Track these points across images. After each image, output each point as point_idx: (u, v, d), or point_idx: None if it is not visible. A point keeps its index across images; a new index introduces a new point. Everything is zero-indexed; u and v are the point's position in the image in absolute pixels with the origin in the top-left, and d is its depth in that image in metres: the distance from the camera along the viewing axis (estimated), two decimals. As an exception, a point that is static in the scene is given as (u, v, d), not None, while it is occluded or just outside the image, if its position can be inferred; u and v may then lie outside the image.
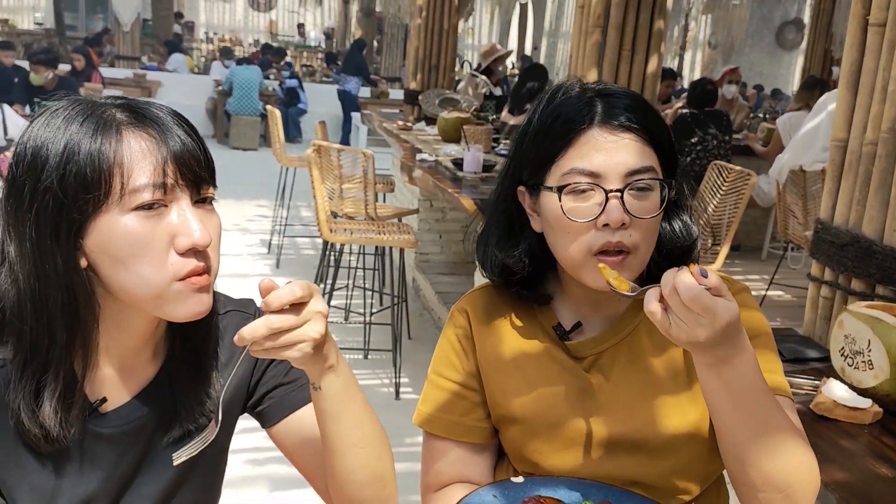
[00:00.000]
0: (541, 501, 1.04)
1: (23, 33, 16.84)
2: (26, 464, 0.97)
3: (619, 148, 1.07)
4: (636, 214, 1.06)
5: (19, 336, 0.94)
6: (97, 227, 0.90)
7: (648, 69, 2.94)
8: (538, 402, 1.16)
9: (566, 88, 1.15)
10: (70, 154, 0.89)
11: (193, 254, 0.92)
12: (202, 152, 0.95)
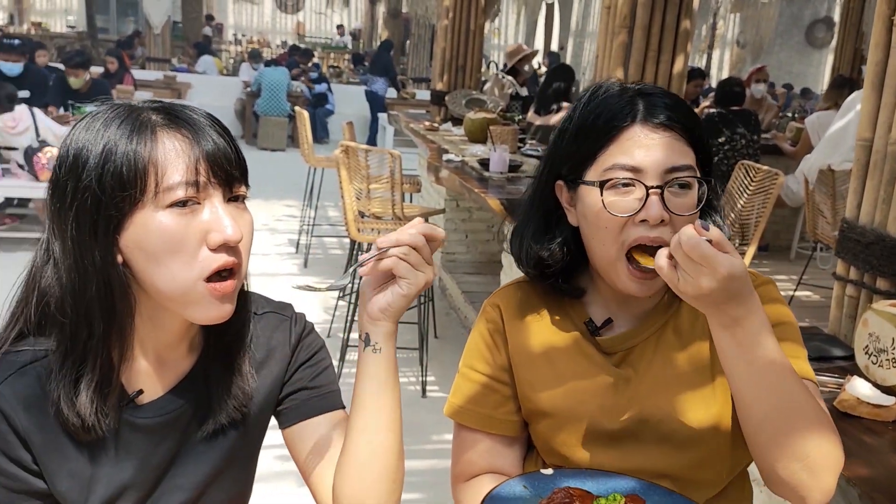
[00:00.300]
0: (570, 493, 1.06)
1: (55, 36, 17.14)
2: (66, 451, 1.01)
3: (660, 145, 1.09)
4: (675, 211, 1.08)
5: (61, 328, 0.98)
6: (133, 223, 0.94)
7: (675, 69, 2.95)
8: (568, 396, 1.19)
9: (607, 87, 1.18)
10: (108, 154, 0.93)
11: (224, 249, 0.96)
12: (234, 152, 0.99)
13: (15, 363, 0.99)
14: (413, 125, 5.85)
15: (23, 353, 1.00)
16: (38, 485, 1.00)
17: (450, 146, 4.74)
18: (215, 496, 1.13)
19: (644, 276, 1.10)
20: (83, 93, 6.49)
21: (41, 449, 0.99)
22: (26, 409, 0.98)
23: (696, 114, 1.17)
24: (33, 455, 0.99)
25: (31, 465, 0.99)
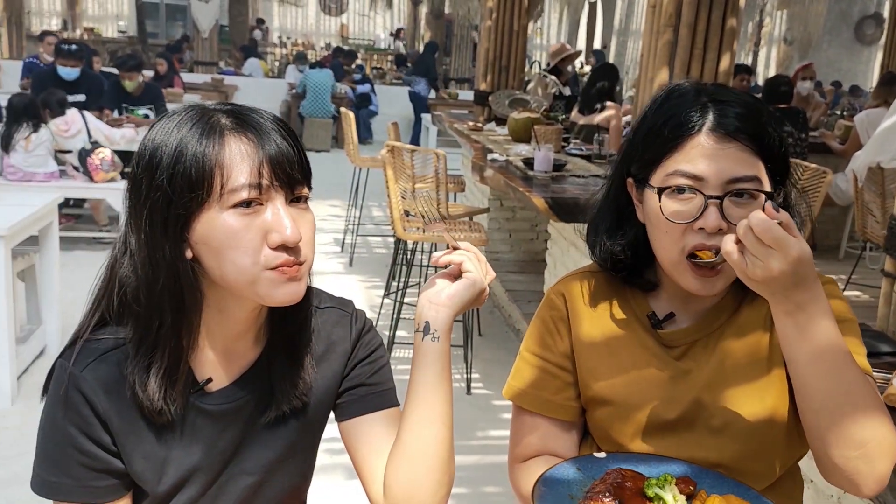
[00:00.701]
0: (622, 473, 1.09)
1: (107, 41, 17.54)
2: (141, 434, 1.07)
3: (725, 156, 1.10)
4: (733, 221, 1.08)
5: (136, 318, 1.05)
6: (200, 222, 1.00)
7: (721, 67, 2.95)
8: (628, 385, 1.22)
9: (682, 91, 1.19)
10: (179, 155, 0.99)
11: (284, 249, 1.01)
12: (297, 155, 1.04)
13: (96, 350, 1.06)
14: (457, 125, 5.91)
15: (104, 341, 1.06)
16: (117, 465, 1.07)
17: (494, 146, 4.77)
18: (278, 482, 1.18)
19: (706, 274, 1.12)
20: (136, 96, 6.66)
21: (119, 431, 1.06)
22: (106, 394, 1.05)
23: (770, 122, 1.16)
24: (112, 437, 1.06)
25: (110, 446, 1.06)
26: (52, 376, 1.07)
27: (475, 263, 1.15)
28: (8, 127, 5.32)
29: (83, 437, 1.05)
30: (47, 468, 1.06)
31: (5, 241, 3.30)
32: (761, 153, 1.12)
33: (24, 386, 3.61)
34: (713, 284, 1.14)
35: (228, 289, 1.05)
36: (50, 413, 1.06)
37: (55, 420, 1.05)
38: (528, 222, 5.51)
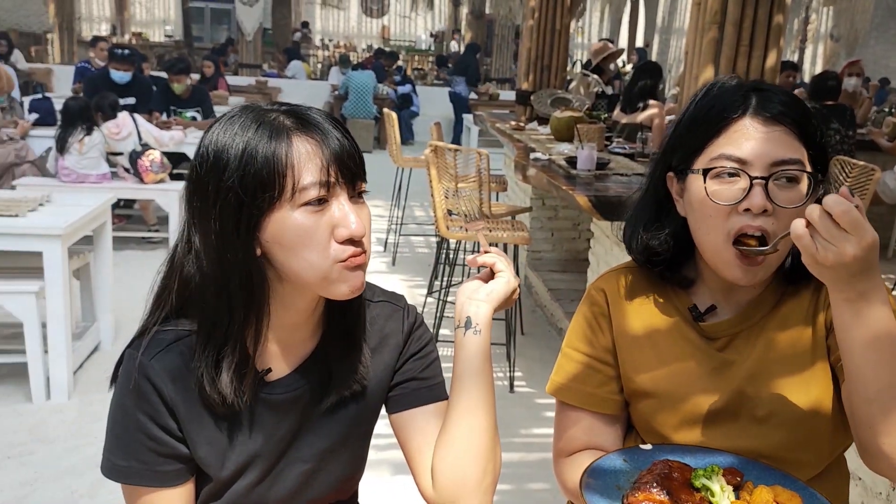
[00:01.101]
0: (669, 465, 1.10)
1: (154, 45, 17.90)
2: (205, 421, 1.12)
3: (769, 138, 1.12)
4: (779, 203, 1.10)
5: (202, 314, 1.09)
6: (271, 221, 1.03)
7: (767, 64, 2.94)
8: (670, 378, 1.24)
9: (723, 83, 1.21)
10: (248, 157, 1.02)
11: (350, 242, 1.05)
12: (356, 152, 1.08)
13: (163, 341, 1.10)
14: (499, 125, 5.93)
15: (168, 333, 1.11)
16: (182, 450, 1.12)
17: (536, 145, 4.79)
18: (331, 470, 1.22)
19: (751, 263, 1.13)
20: (184, 98, 6.80)
21: (185, 418, 1.10)
22: (173, 382, 1.09)
23: (811, 112, 1.17)
24: (178, 423, 1.10)
25: (176, 432, 1.11)
26: (121, 366, 1.12)
27: (505, 264, 1.21)
28: (63, 130, 5.47)
29: (151, 423, 1.09)
30: (117, 453, 1.11)
31: (62, 241, 3.41)
32: (804, 139, 1.13)
33: (79, 381, 3.72)
34: (755, 274, 1.15)
35: (296, 284, 1.08)
36: (120, 401, 1.11)
37: (125, 407, 1.10)
38: (570, 221, 5.51)
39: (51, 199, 3.85)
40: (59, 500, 2.79)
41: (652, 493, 1.04)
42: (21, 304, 3.38)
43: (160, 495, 1.11)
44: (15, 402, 3.50)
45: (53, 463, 3.02)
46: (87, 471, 2.97)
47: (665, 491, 1.05)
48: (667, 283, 1.29)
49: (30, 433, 3.24)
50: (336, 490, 1.25)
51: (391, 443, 1.25)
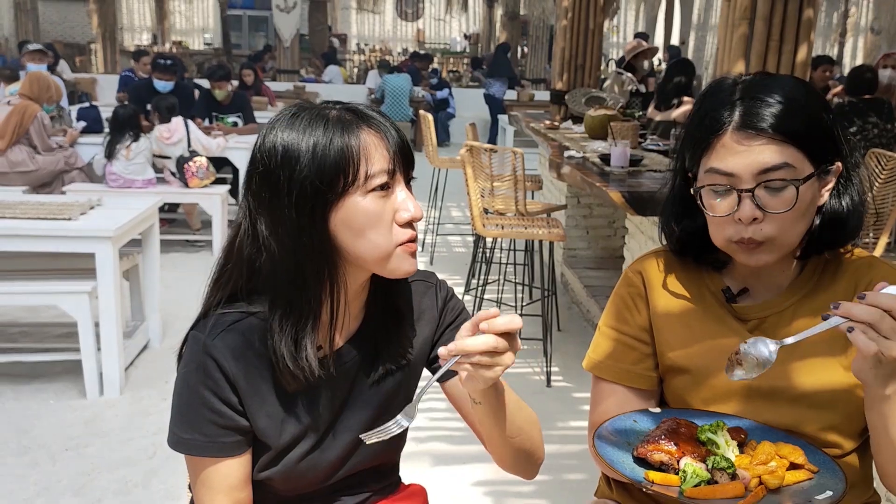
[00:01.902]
0: (677, 421, 1.18)
1: (195, 53, 18.25)
2: (265, 395, 1.21)
3: (752, 151, 1.17)
4: (768, 210, 1.17)
5: (275, 295, 1.18)
6: (344, 205, 1.13)
7: (798, 59, 2.96)
8: (703, 354, 1.30)
9: (718, 88, 1.27)
10: (324, 149, 1.12)
11: (409, 225, 1.17)
12: (407, 143, 1.19)
13: (225, 322, 1.20)
14: (533, 124, 5.98)
15: (231, 314, 1.20)
16: (242, 422, 1.21)
17: (571, 143, 4.84)
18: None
19: (751, 249, 1.20)
20: (225, 104, 6.97)
21: (245, 392, 1.20)
22: (235, 359, 1.18)
23: (807, 105, 1.20)
24: (239, 398, 1.20)
25: (237, 405, 1.20)
26: (186, 345, 1.22)
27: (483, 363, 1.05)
28: (112, 136, 5.66)
29: (214, 397, 1.19)
30: (182, 426, 1.21)
31: (113, 242, 3.55)
32: (793, 139, 1.17)
33: (130, 377, 3.87)
34: (759, 256, 1.21)
35: (359, 264, 1.18)
36: (185, 377, 1.21)
37: (189, 383, 1.20)
38: (605, 219, 5.55)
39: (101, 203, 4.01)
40: (114, 490, 2.91)
41: (660, 444, 1.12)
42: (75, 303, 3.53)
43: (221, 465, 1.21)
44: (70, 398, 3.65)
45: (108, 455, 3.16)
46: (139, 462, 3.10)
47: (672, 442, 1.12)
48: (701, 266, 1.36)
49: (85, 427, 3.39)
50: (380, 456, 1.34)
51: (431, 435, 1.33)
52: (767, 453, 1.12)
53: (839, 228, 1.24)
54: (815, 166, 1.19)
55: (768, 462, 1.11)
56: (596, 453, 1.16)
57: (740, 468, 1.11)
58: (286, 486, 1.27)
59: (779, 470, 1.10)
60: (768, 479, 1.08)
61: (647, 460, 1.14)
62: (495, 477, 3.06)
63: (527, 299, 4.94)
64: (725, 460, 1.10)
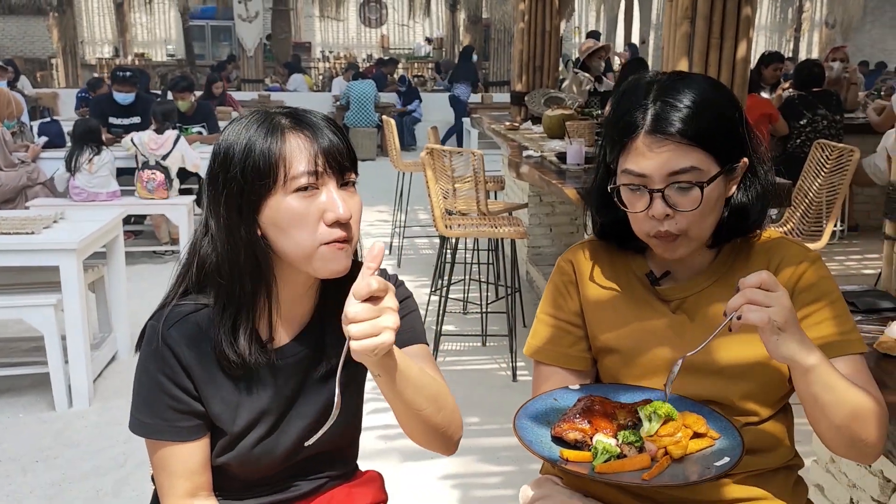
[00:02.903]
0: (592, 399, 1.26)
1: (157, 65, 18.15)
2: (219, 382, 1.29)
3: (662, 154, 1.26)
4: (678, 208, 1.27)
5: (219, 288, 1.26)
6: (268, 206, 1.21)
7: (738, 55, 3.07)
8: (631, 335, 1.39)
9: (634, 88, 1.34)
10: (249, 151, 1.20)
11: (338, 225, 1.22)
12: (345, 147, 1.25)
13: (181, 313, 1.28)
14: (494, 126, 6.08)
15: (186, 306, 1.28)
16: (198, 407, 1.29)
17: (529, 143, 4.93)
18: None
19: (667, 242, 1.30)
20: (189, 115, 6.98)
21: (200, 379, 1.28)
22: (189, 348, 1.26)
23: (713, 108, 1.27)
24: (194, 384, 1.28)
25: (192, 391, 1.28)
26: (144, 336, 1.29)
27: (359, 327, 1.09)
28: (73, 151, 5.66)
29: (171, 383, 1.27)
30: (142, 411, 1.28)
31: (77, 255, 3.58)
32: (700, 142, 1.26)
33: (99, 389, 3.89)
34: (675, 249, 1.31)
35: (289, 262, 1.25)
36: (143, 365, 1.28)
37: (148, 370, 1.27)
38: (567, 216, 5.65)
39: (64, 216, 4.03)
40: (84, 499, 2.95)
41: (574, 423, 1.20)
42: (41, 316, 3.55)
43: (180, 448, 1.28)
44: (39, 411, 3.67)
45: (78, 465, 3.19)
46: (110, 471, 3.13)
47: (586, 420, 1.20)
48: (626, 252, 1.45)
49: (55, 438, 3.41)
50: (335, 443, 1.40)
51: (399, 433, 1.38)
52: (675, 426, 1.21)
53: (745, 218, 1.35)
54: (722, 165, 1.29)
55: (675, 434, 1.19)
56: (517, 435, 1.24)
57: (648, 441, 1.19)
58: (243, 470, 1.34)
59: (682, 440, 1.18)
60: (673, 450, 1.17)
61: (564, 439, 1.22)
62: (463, 471, 3.14)
63: (493, 297, 5.02)
64: (634, 434, 1.19)
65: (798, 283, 1.33)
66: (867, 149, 5.96)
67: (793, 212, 4.26)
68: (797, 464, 1.43)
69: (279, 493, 1.40)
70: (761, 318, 1.11)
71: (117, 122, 6.83)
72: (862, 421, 1.19)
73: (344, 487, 1.47)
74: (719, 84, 1.38)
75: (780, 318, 1.10)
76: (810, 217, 4.13)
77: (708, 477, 1.15)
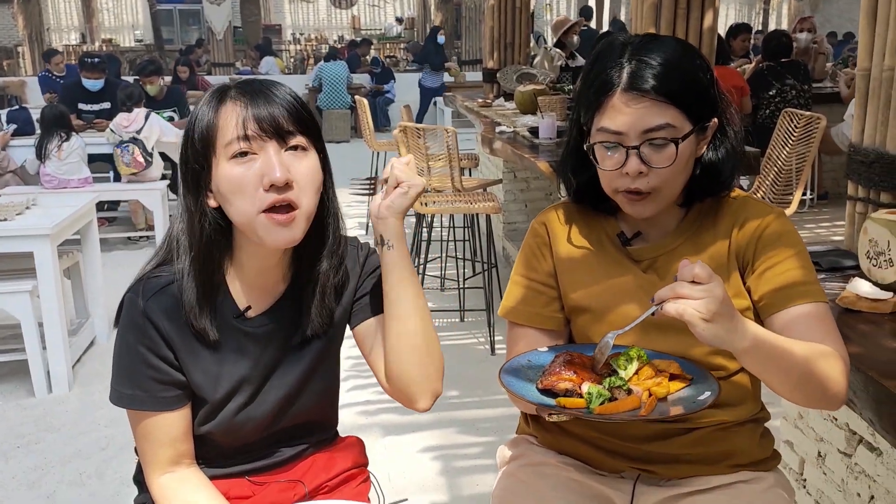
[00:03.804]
0: (570, 353, 1.30)
1: (125, 50, 17.91)
2: (198, 352, 1.31)
3: (638, 111, 1.29)
4: (652, 165, 1.29)
5: (183, 259, 1.28)
6: (214, 175, 1.24)
7: (704, 25, 3.11)
8: (602, 294, 1.42)
9: (609, 48, 1.36)
10: (197, 124, 1.24)
11: (276, 190, 1.21)
12: (288, 112, 1.23)
13: (158, 284, 1.30)
14: (467, 103, 6.09)
15: (163, 277, 1.30)
16: (179, 377, 1.31)
17: (502, 119, 4.95)
18: (309, 392, 1.41)
19: (634, 199, 1.33)
20: (159, 100, 6.92)
21: (180, 349, 1.30)
22: (168, 319, 1.28)
23: (685, 67, 1.31)
24: (174, 353, 1.30)
25: (173, 361, 1.30)
26: (123, 308, 1.31)
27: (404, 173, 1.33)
28: (41, 137, 5.60)
29: (151, 354, 1.28)
30: (123, 383, 1.30)
31: (51, 240, 3.56)
32: (674, 100, 1.29)
33: (79, 374, 3.89)
34: (644, 207, 1.34)
35: (240, 230, 1.27)
36: (123, 337, 1.30)
37: (128, 342, 1.29)
38: (542, 191, 5.69)
39: (37, 203, 4.00)
40: (68, 482, 2.96)
41: (562, 374, 1.24)
42: (17, 303, 3.54)
43: (161, 418, 1.31)
44: (18, 398, 3.67)
45: (60, 449, 3.19)
46: (92, 454, 3.14)
47: (572, 371, 1.24)
48: (598, 213, 1.48)
49: (35, 424, 3.41)
50: (314, 410, 1.44)
51: (380, 408, 1.42)
52: (648, 373, 1.25)
53: (715, 178, 1.38)
54: (694, 123, 1.32)
55: (654, 376, 1.24)
56: (507, 390, 1.27)
57: (632, 384, 1.23)
58: (226, 438, 1.37)
59: (663, 382, 1.23)
60: (657, 390, 1.22)
61: (554, 390, 1.25)
62: (443, 442, 3.18)
63: (470, 273, 5.06)
64: (620, 379, 1.23)
65: (762, 235, 1.36)
66: (835, 118, 6.04)
67: (762, 180, 4.32)
68: (764, 417, 1.48)
69: (261, 459, 1.43)
70: (678, 311, 1.10)
71: (87, 109, 6.76)
72: (818, 377, 1.22)
73: (325, 452, 1.51)
74: (690, 45, 1.41)
75: (705, 309, 1.09)
76: (780, 185, 4.19)
77: (698, 409, 1.19)
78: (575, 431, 1.48)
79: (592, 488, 1.45)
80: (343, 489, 1.51)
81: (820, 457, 2.06)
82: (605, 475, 1.47)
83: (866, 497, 1.88)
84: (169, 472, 1.33)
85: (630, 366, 1.26)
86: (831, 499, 2.02)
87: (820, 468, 2.06)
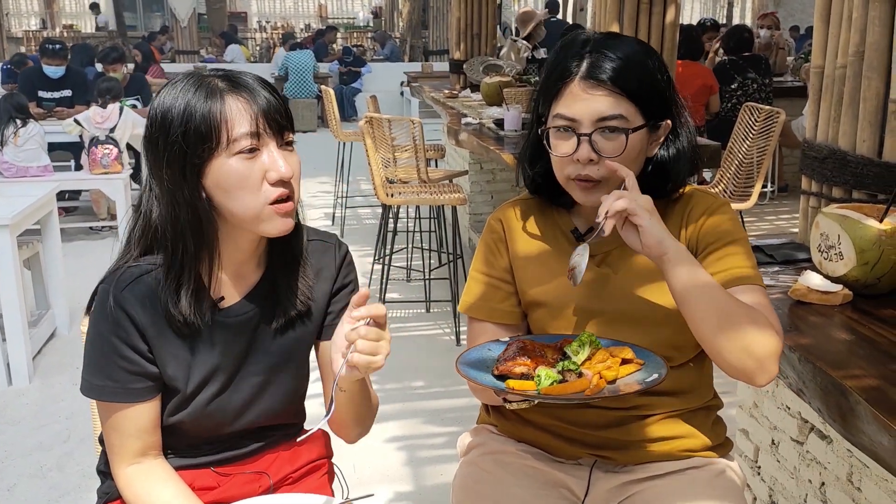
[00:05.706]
0: (522, 342, 1.34)
1: (87, 37, 17.59)
2: (172, 342, 1.31)
3: (593, 99, 1.33)
4: (602, 153, 1.34)
5: (164, 249, 1.28)
6: (212, 168, 1.23)
7: (667, 20, 3.15)
8: (557, 289, 1.45)
9: (571, 42, 1.41)
10: (189, 115, 1.22)
11: (281, 184, 1.25)
12: (282, 107, 1.28)
13: (132, 274, 1.29)
14: (434, 94, 6.10)
15: (138, 267, 1.30)
16: (151, 369, 1.31)
17: (468, 110, 4.97)
18: (279, 383, 1.43)
19: (587, 187, 1.36)
20: (123, 87, 6.82)
21: (154, 340, 1.30)
22: (143, 309, 1.28)
23: (643, 66, 1.36)
24: (148, 345, 1.30)
25: (146, 353, 1.30)
26: (96, 298, 1.31)
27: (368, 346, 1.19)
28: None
29: (124, 345, 1.28)
30: (94, 374, 1.30)
31: (10, 230, 3.51)
32: (629, 94, 1.34)
33: (39, 366, 3.84)
34: (595, 195, 1.37)
35: (236, 223, 1.28)
36: (96, 327, 1.30)
37: (101, 333, 1.29)
38: (508, 183, 5.72)
39: (-4, 192, 3.94)
40: (29, 475, 2.93)
41: (517, 360, 1.27)
42: (-25, 294, 3.49)
43: (131, 410, 1.31)
44: (-23, 390, 3.62)
45: (21, 441, 3.16)
46: (53, 446, 3.11)
47: (526, 356, 1.27)
48: (554, 209, 1.51)
49: (-5, 417, 3.37)
50: (284, 402, 1.45)
51: None
52: (604, 354, 1.30)
53: (665, 178, 1.43)
54: (646, 120, 1.36)
55: (606, 360, 1.29)
56: (464, 376, 1.29)
57: (584, 368, 1.27)
58: (195, 428, 1.38)
59: (613, 366, 1.27)
60: (606, 373, 1.26)
61: (510, 375, 1.28)
62: (409, 432, 3.21)
63: (436, 264, 5.08)
64: (572, 363, 1.26)
65: (706, 224, 1.42)
66: (795, 112, 6.16)
67: (723, 173, 4.39)
68: (716, 405, 1.52)
69: (227, 450, 1.44)
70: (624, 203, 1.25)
71: (48, 96, 6.66)
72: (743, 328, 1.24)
73: (289, 444, 1.52)
74: (651, 48, 1.45)
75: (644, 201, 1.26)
76: (740, 178, 4.27)
77: (641, 389, 1.24)
78: (534, 420, 1.51)
79: (551, 475, 1.48)
80: (306, 480, 1.52)
81: (773, 445, 2.11)
82: (563, 462, 1.50)
83: (817, 483, 1.93)
84: (136, 464, 1.34)
85: (583, 350, 1.29)
86: (784, 485, 2.08)
87: (774, 456, 2.12)
